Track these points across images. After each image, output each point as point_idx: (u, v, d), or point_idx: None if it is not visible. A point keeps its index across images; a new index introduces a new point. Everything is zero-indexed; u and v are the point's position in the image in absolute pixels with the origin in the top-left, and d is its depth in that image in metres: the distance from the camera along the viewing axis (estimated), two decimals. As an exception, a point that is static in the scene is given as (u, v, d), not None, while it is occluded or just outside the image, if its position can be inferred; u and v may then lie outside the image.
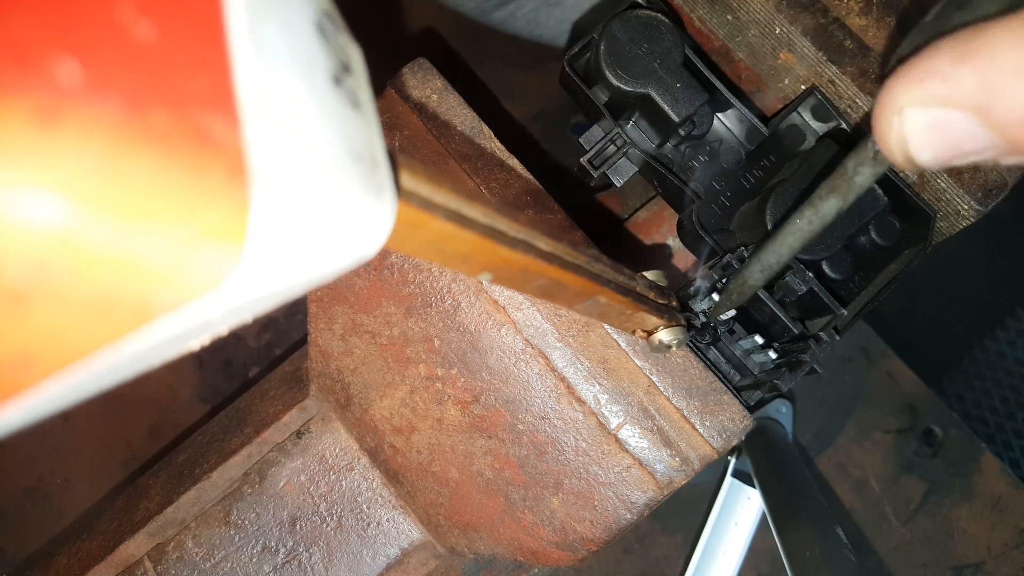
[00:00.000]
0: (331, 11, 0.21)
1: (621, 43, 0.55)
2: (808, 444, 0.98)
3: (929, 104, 0.26)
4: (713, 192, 0.59)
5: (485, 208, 0.29)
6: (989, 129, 0.25)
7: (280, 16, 0.18)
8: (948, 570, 0.95)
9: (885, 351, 1.01)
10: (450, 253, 0.28)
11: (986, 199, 0.54)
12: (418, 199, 0.25)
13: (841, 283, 0.56)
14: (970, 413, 1.13)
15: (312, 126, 0.18)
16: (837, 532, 0.75)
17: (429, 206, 0.25)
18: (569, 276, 0.34)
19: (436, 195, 0.26)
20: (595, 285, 0.37)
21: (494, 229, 0.29)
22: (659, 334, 0.47)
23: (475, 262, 0.30)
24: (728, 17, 0.59)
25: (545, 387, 0.53)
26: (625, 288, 0.41)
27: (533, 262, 0.31)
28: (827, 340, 0.52)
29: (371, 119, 0.21)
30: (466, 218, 0.27)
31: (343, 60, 0.21)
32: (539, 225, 0.32)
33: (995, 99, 0.24)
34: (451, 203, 0.27)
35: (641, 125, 0.59)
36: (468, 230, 0.27)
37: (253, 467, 0.64)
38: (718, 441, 0.52)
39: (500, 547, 0.59)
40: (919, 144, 0.27)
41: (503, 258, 0.30)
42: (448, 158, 0.55)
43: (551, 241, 0.33)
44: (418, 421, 0.58)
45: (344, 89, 0.20)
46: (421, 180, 0.25)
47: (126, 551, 0.64)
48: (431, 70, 0.57)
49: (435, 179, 0.26)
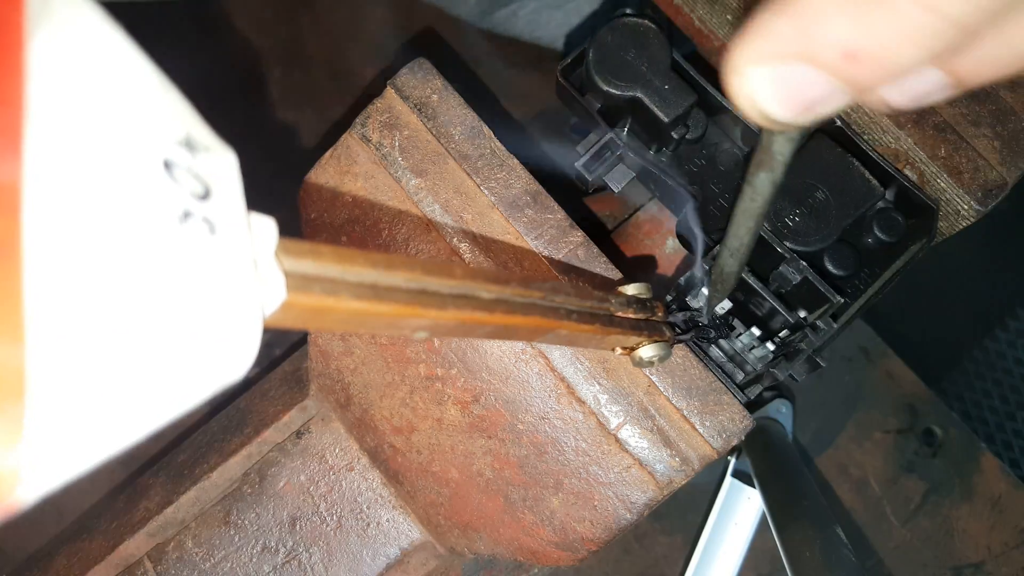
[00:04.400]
0: (193, 133, 0.21)
1: (610, 50, 0.55)
2: (808, 444, 0.98)
3: (764, 61, 0.26)
4: (711, 194, 0.59)
5: (409, 272, 0.28)
6: (821, 72, 0.25)
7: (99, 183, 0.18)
8: (948, 570, 0.95)
9: (885, 351, 1.01)
10: (373, 324, 0.28)
11: (986, 199, 0.55)
12: (321, 284, 0.25)
13: (846, 279, 0.56)
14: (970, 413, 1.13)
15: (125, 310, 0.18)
16: (837, 532, 0.74)
17: (334, 288, 0.25)
18: (517, 319, 0.33)
19: (345, 273, 0.26)
20: (551, 320, 0.36)
21: (423, 291, 0.29)
22: (640, 351, 0.45)
23: (403, 327, 0.29)
24: (728, 17, 0.59)
25: (545, 387, 0.53)
26: (593, 314, 0.39)
27: (470, 315, 0.31)
28: (824, 328, 0.52)
29: (233, 238, 0.21)
30: (384, 288, 0.27)
31: (201, 186, 0.20)
32: (480, 273, 0.32)
33: (815, 43, 0.24)
34: (364, 278, 0.26)
35: (635, 130, 0.60)
36: (387, 302, 0.27)
37: (253, 467, 0.64)
38: (718, 441, 0.52)
39: (500, 547, 0.59)
40: (767, 101, 0.27)
41: (434, 318, 0.29)
42: (448, 158, 0.55)
43: (495, 286, 0.32)
44: (418, 421, 0.58)
45: (194, 221, 0.20)
46: (325, 261, 0.25)
47: (126, 551, 0.64)
48: (431, 70, 0.57)
49: (343, 257, 0.26)
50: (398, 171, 0.56)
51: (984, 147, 0.55)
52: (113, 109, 0.19)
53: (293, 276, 0.24)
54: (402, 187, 0.56)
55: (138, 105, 0.19)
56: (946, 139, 0.55)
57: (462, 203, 0.55)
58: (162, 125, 0.20)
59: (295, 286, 0.24)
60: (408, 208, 0.56)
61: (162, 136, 0.20)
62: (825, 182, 0.54)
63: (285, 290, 0.23)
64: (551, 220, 0.54)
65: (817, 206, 0.54)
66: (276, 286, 0.23)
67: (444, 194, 0.55)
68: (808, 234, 0.53)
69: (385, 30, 1.00)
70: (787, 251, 0.52)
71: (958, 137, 0.55)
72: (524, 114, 1.01)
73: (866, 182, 0.55)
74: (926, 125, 0.56)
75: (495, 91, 1.00)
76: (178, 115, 0.21)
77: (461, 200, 0.55)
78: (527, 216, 0.54)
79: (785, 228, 0.53)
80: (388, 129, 0.56)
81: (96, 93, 0.18)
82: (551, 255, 0.54)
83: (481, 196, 0.55)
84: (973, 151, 0.55)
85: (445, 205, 0.55)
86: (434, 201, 0.55)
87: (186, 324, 0.19)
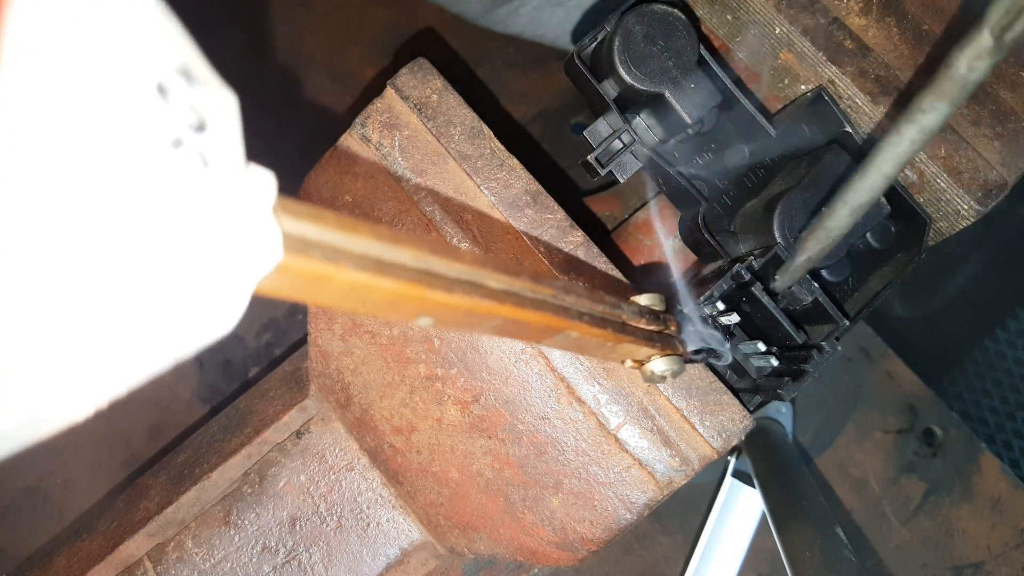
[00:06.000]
0: (192, 65, 0.20)
1: (636, 39, 0.53)
2: (808, 444, 0.98)
3: None
4: (716, 191, 0.58)
5: (416, 251, 0.27)
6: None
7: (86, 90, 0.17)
8: (948, 570, 0.95)
9: (885, 351, 1.01)
10: (373, 302, 0.26)
11: (986, 199, 0.54)
12: (321, 250, 0.23)
13: (836, 285, 0.56)
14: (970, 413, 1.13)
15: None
16: (837, 532, 0.74)
17: (335, 255, 0.24)
18: (528, 313, 0.31)
19: (348, 242, 0.24)
20: (562, 320, 0.34)
21: (428, 272, 0.27)
22: (651, 364, 0.43)
23: (406, 309, 0.27)
24: (728, 17, 0.59)
25: (545, 387, 0.53)
26: (604, 319, 0.37)
27: (478, 303, 0.29)
28: (829, 350, 0.51)
29: (228, 177, 0.20)
30: (389, 264, 0.25)
31: (196, 118, 0.19)
32: (491, 261, 0.30)
33: None
34: (368, 250, 0.25)
35: (648, 121, 0.58)
36: (390, 278, 0.25)
37: (253, 467, 0.64)
38: (718, 441, 0.52)
39: (500, 547, 0.59)
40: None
41: (440, 303, 0.27)
42: (448, 158, 0.55)
43: (505, 277, 0.30)
44: (418, 421, 0.58)
45: (187, 151, 0.19)
46: (328, 227, 0.23)
47: (126, 551, 0.64)
48: (431, 70, 0.57)
49: (347, 225, 0.24)
50: (398, 171, 0.56)
51: (984, 147, 0.55)
52: (107, 21, 0.18)
53: (292, 238, 0.22)
54: (402, 187, 0.56)
55: (135, 23, 0.18)
56: (946, 139, 0.55)
57: (462, 203, 0.55)
58: (159, 49, 0.19)
59: (293, 248, 0.22)
60: (408, 208, 0.56)
61: (158, 59, 0.19)
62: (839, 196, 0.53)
63: (282, 249, 0.21)
64: (551, 220, 0.54)
65: None
66: (273, 243, 0.21)
67: (444, 194, 0.55)
68: None
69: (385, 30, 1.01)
70: None
71: (958, 137, 0.55)
72: (524, 114, 1.02)
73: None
74: (926, 125, 0.56)
75: (495, 91, 1.00)
76: (177, 44, 0.20)
77: (461, 200, 0.55)
78: (527, 216, 0.54)
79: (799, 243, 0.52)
80: (388, 129, 0.56)
81: (88, 6, 0.18)
82: (551, 255, 0.54)
83: (481, 196, 0.55)
84: (973, 151, 0.55)
85: (445, 205, 0.55)
86: (434, 201, 0.55)
87: (173, 257, 0.18)
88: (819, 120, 0.57)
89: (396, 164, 0.56)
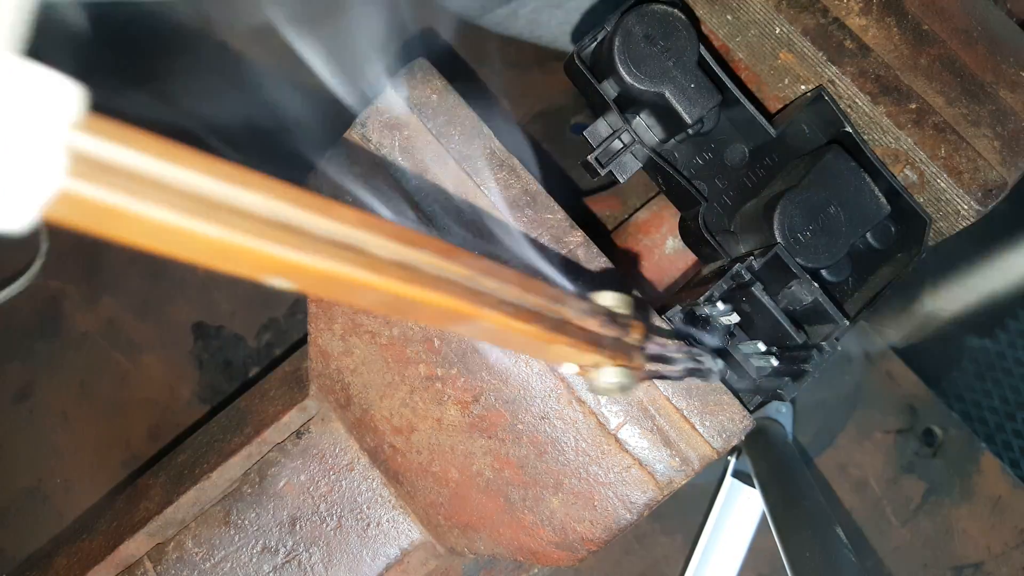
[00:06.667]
0: None
1: (636, 39, 0.54)
2: (808, 444, 0.98)
3: None
4: (716, 191, 0.58)
5: (271, 197, 0.22)
6: None
7: None
8: (948, 570, 0.95)
9: (885, 351, 1.01)
10: (199, 250, 0.21)
11: (986, 199, 0.55)
12: (126, 181, 0.19)
13: (836, 285, 0.56)
14: (970, 413, 1.13)
15: None
16: (837, 532, 0.75)
17: (142, 190, 0.19)
18: (419, 292, 0.26)
19: (171, 176, 0.20)
20: (472, 306, 0.28)
21: (285, 226, 0.22)
22: (598, 373, 0.36)
23: (246, 263, 0.22)
24: (728, 17, 0.59)
25: (545, 387, 0.53)
26: (536, 313, 0.32)
27: (344, 270, 0.24)
28: (829, 350, 0.51)
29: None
30: (227, 209, 0.21)
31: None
32: (383, 224, 0.25)
33: None
34: (201, 189, 0.21)
35: (648, 121, 0.58)
36: (220, 224, 0.21)
37: (253, 467, 0.64)
38: (718, 441, 0.52)
39: (500, 547, 0.59)
40: None
41: (292, 263, 0.23)
42: (448, 158, 0.55)
43: (398, 245, 0.26)
44: (418, 421, 0.58)
45: None
46: (146, 153, 0.19)
47: (126, 551, 0.64)
48: (431, 70, 0.57)
49: (175, 156, 0.20)
50: (398, 171, 0.56)
51: (984, 147, 0.55)
52: None
53: (88, 161, 0.19)
54: (402, 187, 0.56)
55: None
56: (946, 139, 0.55)
57: (462, 203, 0.55)
58: None
59: (84, 173, 0.18)
60: (408, 209, 0.56)
61: None
62: (837, 197, 0.53)
63: (65, 173, 0.18)
64: (551, 220, 0.54)
65: (829, 222, 0.53)
66: (55, 164, 0.18)
67: (444, 194, 0.55)
68: (819, 251, 0.52)
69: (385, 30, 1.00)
70: (800, 270, 0.51)
71: (958, 137, 0.55)
72: (524, 114, 1.02)
73: (875, 199, 0.54)
74: (926, 125, 0.56)
75: (495, 91, 1.00)
76: None
77: (461, 200, 0.55)
78: (527, 216, 0.54)
79: (798, 244, 0.52)
80: (388, 129, 0.56)
81: None
82: (551, 255, 0.54)
83: (481, 196, 0.55)
84: (973, 151, 0.55)
85: (445, 205, 0.55)
86: (434, 201, 0.55)
87: None
88: (819, 120, 0.57)
89: (396, 164, 0.56)
